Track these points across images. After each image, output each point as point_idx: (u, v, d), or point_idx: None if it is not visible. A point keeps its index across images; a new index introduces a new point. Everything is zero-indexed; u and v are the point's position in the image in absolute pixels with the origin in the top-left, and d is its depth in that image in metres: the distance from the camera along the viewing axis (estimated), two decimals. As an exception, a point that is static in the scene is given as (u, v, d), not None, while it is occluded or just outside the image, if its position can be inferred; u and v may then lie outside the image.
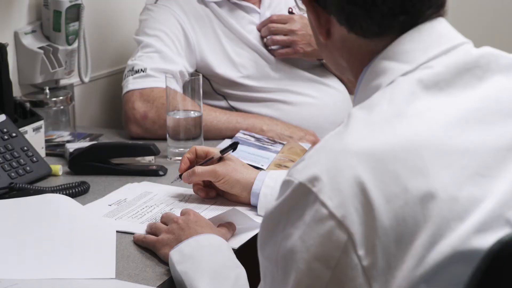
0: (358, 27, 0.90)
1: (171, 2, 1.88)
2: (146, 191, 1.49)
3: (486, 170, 0.82)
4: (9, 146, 1.55)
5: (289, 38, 1.90)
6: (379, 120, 0.84)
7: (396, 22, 0.89)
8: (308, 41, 1.90)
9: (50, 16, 1.81)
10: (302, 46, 1.90)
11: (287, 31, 1.90)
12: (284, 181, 0.84)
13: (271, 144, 1.73)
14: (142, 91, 1.80)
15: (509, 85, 0.89)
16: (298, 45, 1.90)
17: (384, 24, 0.89)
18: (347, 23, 0.90)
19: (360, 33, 0.90)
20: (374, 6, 0.88)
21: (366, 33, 0.90)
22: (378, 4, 0.88)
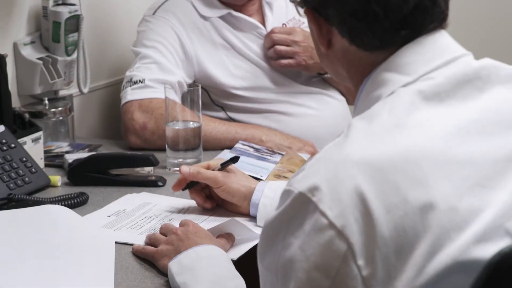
0: (359, 41, 0.91)
1: (169, 14, 1.89)
2: (145, 202, 1.49)
3: (486, 181, 0.83)
4: (8, 157, 1.55)
5: (292, 49, 1.90)
6: (379, 130, 0.84)
7: (397, 37, 0.90)
8: (310, 54, 1.90)
9: (49, 27, 1.81)
10: (305, 58, 1.90)
11: (290, 42, 1.90)
12: (284, 190, 0.84)
13: (270, 155, 1.73)
14: (141, 101, 1.80)
15: (509, 96, 0.89)
16: (301, 57, 1.90)
17: (385, 38, 0.90)
18: (349, 35, 0.91)
19: (361, 46, 0.91)
20: (376, 21, 0.88)
21: (367, 47, 0.91)
22: (380, 18, 0.88)
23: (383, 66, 0.90)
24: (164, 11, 1.89)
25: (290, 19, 1.98)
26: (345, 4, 0.89)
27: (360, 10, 0.88)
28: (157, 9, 1.91)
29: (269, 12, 1.95)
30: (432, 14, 0.90)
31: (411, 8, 0.88)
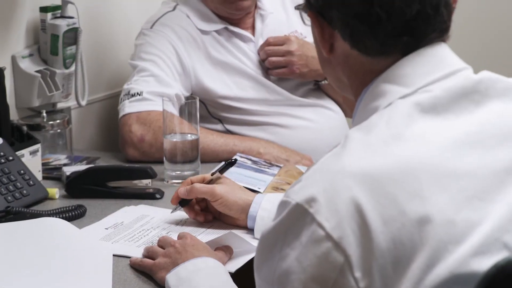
0: (361, 44, 0.91)
1: (167, 28, 1.89)
2: (143, 214, 1.48)
3: (483, 194, 0.83)
4: (6, 170, 1.55)
5: (286, 59, 1.91)
6: (377, 141, 0.84)
7: (399, 42, 0.90)
8: (305, 62, 1.91)
9: (47, 40, 1.82)
10: (299, 67, 1.91)
11: (284, 52, 1.91)
12: (281, 201, 0.84)
13: (268, 167, 1.73)
14: (138, 114, 1.81)
15: (505, 110, 0.90)
16: (295, 66, 1.91)
17: (387, 43, 0.90)
18: (351, 38, 0.91)
19: (362, 50, 0.91)
20: (379, 24, 0.89)
21: (368, 51, 0.91)
22: (383, 22, 0.89)
23: (382, 77, 0.91)
24: (162, 25, 1.90)
25: (292, 31, 1.99)
26: (349, 7, 0.89)
27: (363, 12, 0.89)
28: (154, 22, 1.91)
29: (260, 24, 1.96)
30: (434, 22, 0.90)
31: (414, 14, 0.89)
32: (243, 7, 1.88)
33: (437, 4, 0.89)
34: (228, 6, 1.88)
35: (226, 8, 1.89)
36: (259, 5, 1.97)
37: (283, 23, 1.99)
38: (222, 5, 1.88)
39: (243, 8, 1.89)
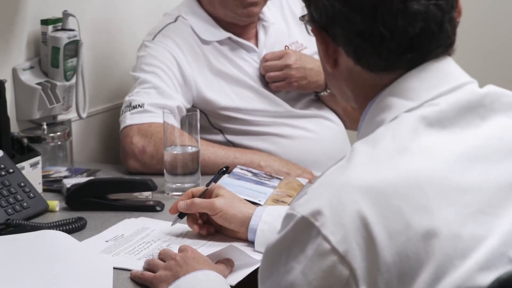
0: (364, 61, 0.91)
1: (168, 40, 1.90)
2: (143, 226, 1.48)
3: (489, 208, 0.83)
4: (6, 182, 1.54)
5: (284, 73, 1.92)
6: (382, 155, 0.84)
7: (403, 59, 0.90)
8: (303, 74, 1.92)
9: (48, 53, 1.82)
10: (297, 80, 1.92)
11: (282, 67, 1.92)
12: (287, 214, 0.84)
13: (269, 179, 1.73)
14: (140, 126, 1.81)
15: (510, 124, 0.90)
16: (293, 79, 1.92)
17: (391, 60, 0.90)
18: (354, 55, 0.91)
19: (366, 66, 0.91)
20: (382, 42, 0.89)
21: (372, 68, 0.91)
22: (386, 40, 0.89)
23: (388, 90, 0.91)
24: (163, 36, 1.91)
25: (293, 42, 2.00)
26: (352, 24, 0.89)
27: (367, 30, 0.89)
28: (156, 34, 1.92)
29: (263, 35, 1.96)
30: (438, 39, 0.90)
31: (418, 32, 0.89)
32: (254, 13, 1.90)
33: (441, 20, 0.90)
34: (240, 12, 1.88)
35: (237, 15, 1.89)
36: (261, 16, 1.98)
37: (284, 33, 2.00)
38: (233, 11, 1.89)
39: (254, 14, 1.90)
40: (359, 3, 0.88)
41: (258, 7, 1.89)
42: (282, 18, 2.02)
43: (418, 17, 0.88)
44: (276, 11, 2.02)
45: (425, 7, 0.88)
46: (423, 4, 0.88)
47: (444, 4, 0.90)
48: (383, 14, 0.88)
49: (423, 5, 0.88)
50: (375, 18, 0.88)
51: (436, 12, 0.89)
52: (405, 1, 0.88)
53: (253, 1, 1.87)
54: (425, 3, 0.88)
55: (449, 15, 0.91)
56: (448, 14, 0.91)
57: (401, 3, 0.88)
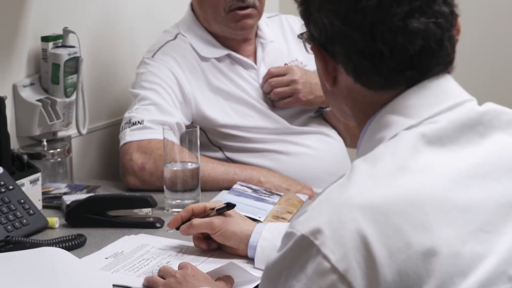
0: (364, 79, 0.91)
1: (168, 57, 1.91)
2: (143, 243, 1.48)
3: (489, 226, 0.83)
4: (6, 199, 1.54)
5: (291, 88, 1.92)
6: (382, 173, 0.84)
7: (403, 77, 0.90)
8: (309, 89, 1.92)
9: (48, 69, 1.83)
10: (304, 95, 1.92)
11: (288, 82, 1.92)
12: (287, 232, 0.84)
13: (268, 196, 1.73)
14: (139, 142, 1.81)
15: (510, 142, 0.90)
16: (300, 94, 1.92)
17: (390, 78, 0.90)
18: (354, 73, 0.91)
19: (366, 84, 0.91)
20: (382, 60, 0.89)
21: (371, 85, 0.91)
22: (386, 58, 0.89)
23: (387, 108, 0.91)
24: (163, 53, 1.91)
25: (292, 60, 2.00)
26: (352, 42, 0.90)
27: (366, 48, 0.89)
28: (156, 51, 1.92)
29: (261, 52, 1.97)
30: (438, 56, 0.90)
31: (418, 50, 0.89)
32: (248, 25, 1.90)
33: (440, 39, 0.90)
34: (234, 25, 1.89)
35: (231, 29, 1.90)
36: (259, 34, 1.98)
37: (283, 52, 2.01)
38: (227, 25, 1.89)
39: (248, 26, 1.90)
40: (358, 22, 0.88)
41: (253, 19, 1.90)
42: (282, 36, 2.03)
43: (418, 35, 0.88)
44: (275, 28, 2.03)
45: (425, 25, 0.89)
46: (423, 22, 0.88)
47: (443, 23, 0.90)
48: (382, 32, 0.88)
49: (423, 23, 0.88)
50: (374, 36, 0.88)
51: (436, 30, 0.89)
52: (404, 19, 0.88)
53: (246, 13, 1.88)
54: (424, 21, 0.88)
55: (449, 33, 0.91)
56: (448, 32, 0.91)
57: (400, 21, 0.88)
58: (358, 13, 0.88)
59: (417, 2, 0.88)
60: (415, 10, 0.88)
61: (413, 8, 0.88)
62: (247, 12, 1.88)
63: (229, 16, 1.88)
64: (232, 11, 1.87)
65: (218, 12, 1.88)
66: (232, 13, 1.87)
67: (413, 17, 0.88)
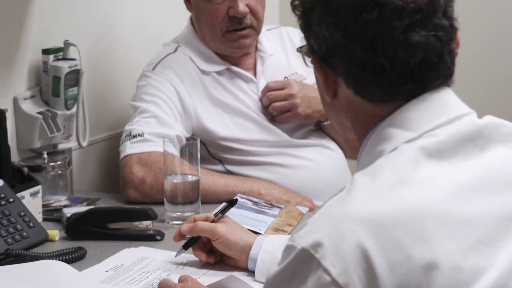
0: (364, 92, 0.91)
1: (168, 70, 1.91)
2: (143, 256, 1.48)
3: (490, 240, 0.83)
4: (6, 212, 1.54)
5: (289, 102, 1.92)
6: (382, 186, 0.84)
7: (403, 90, 0.91)
8: (308, 104, 1.92)
9: (49, 82, 1.83)
10: (303, 109, 1.92)
11: (286, 96, 1.92)
12: (287, 246, 0.84)
13: (269, 208, 1.73)
14: (140, 155, 1.81)
15: (510, 155, 0.90)
16: (299, 108, 1.92)
17: (391, 91, 0.90)
18: (354, 86, 0.92)
19: (366, 97, 0.92)
20: (382, 73, 0.89)
21: (372, 98, 0.91)
22: (386, 71, 0.89)
23: (387, 121, 0.91)
24: (163, 66, 1.92)
25: (292, 73, 2.01)
26: (352, 55, 0.90)
27: (367, 61, 0.89)
28: (156, 64, 1.93)
29: (260, 65, 1.98)
30: (438, 69, 0.91)
31: (418, 63, 0.89)
32: (245, 45, 1.90)
33: (440, 52, 0.90)
34: (230, 45, 1.90)
35: (228, 47, 1.91)
36: (259, 47, 1.99)
37: (283, 65, 2.01)
38: (223, 44, 1.90)
39: (245, 46, 1.91)
40: (359, 35, 0.89)
41: (249, 39, 1.90)
42: (282, 49, 2.04)
43: (418, 48, 0.89)
44: (275, 41, 2.04)
45: (425, 38, 0.89)
46: (423, 35, 0.89)
47: (443, 36, 0.90)
48: (383, 46, 0.88)
49: (423, 36, 0.89)
50: (375, 49, 0.89)
51: (436, 44, 0.90)
52: (405, 32, 0.88)
53: (243, 34, 1.88)
54: (425, 35, 0.89)
55: (448, 47, 0.92)
56: (447, 45, 0.91)
57: (401, 34, 0.88)
58: (358, 26, 0.88)
59: (418, 15, 0.88)
60: (415, 24, 0.88)
61: (413, 22, 0.88)
62: (244, 32, 1.88)
63: (226, 37, 1.88)
64: (229, 32, 1.88)
65: (215, 32, 1.89)
66: (229, 33, 1.88)
67: (414, 31, 0.88)
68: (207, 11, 1.88)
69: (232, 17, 1.87)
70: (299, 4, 0.95)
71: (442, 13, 0.90)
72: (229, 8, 1.86)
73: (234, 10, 1.86)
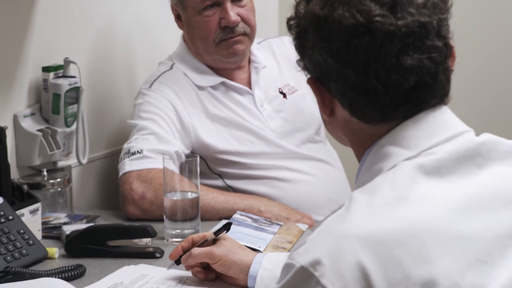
0: (360, 114, 0.92)
1: (165, 87, 1.92)
2: (143, 273, 1.47)
3: (488, 257, 0.83)
4: (6, 229, 1.54)
5: None
6: (381, 204, 0.84)
7: (399, 112, 0.91)
8: None
9: (49, 99, 1.83)
10: None
11: None
12: (286, 264, 0.84)
13: (268, 225, 1.73)
14: (139, 172, 1.81)
15: (508, 172, 0.90)
16: None
17: (386, 112, 0.91)
18: (350, 108, 0.92)
19: (362, 118, 0.92)
20: (376, 96, 0.90)
21: (368, 120, 0.92)
22: (380, 94, 0.89)
23: (385, 139, 0.91)
24: (160, 84, 1.93)
25: (285, 84, 2.02)
26: (346, 79, 0.90)
27: (360, 85, 0.90)
28: (153, 82, 1.94)
29: (255, 76, 1.99)
30: (433, 90, 0.91)
31: (412, 85, 0.90)
32: (239, 50, 1.91)
33: (435, 73, 0.90)
34: (225, 53, 1.90)
35: (223, 57, 1.92)
36: (252, 59, 2.00)
37: (276, 76, 2.03)
38: (218, 54, 1.91)
39: (239, 52, 1.91)
40: (352, 59, 0.89)
41: (244, 45, 1.91)
42: (275, 61, 2.05)
43: (411, 71, 0.89)
44: (266, 53, 2.05)
45: (419, 61, 0.89)
46: (416, 58, 0.89)
47: (437, 57, 0.90)
48: (376, 70, 0.89)
49: (416, 59, 0.89)
50: (368, 73, 0.89)
51: (430, 65, 0.90)
52: (397, 56, 0.88)
53: (236, 40, 1.89)
54: (418, 57, 0.89)
55: (443, 66, 0.92)
56: (442, 65, 0.92)
57: (394, 58, 0.88)
58: (350, 51, 0.89)
59: (410, 38, 0.88)
60: (408, 47, 0.88)
61: (406, 45, 0.88)
62: (237, 38, 1.90)
63: (220, 46, 1.89)
64: (223, 41, 1.89)
65: (209, 43, 1.90)
66: (223, 42, 1.89)
67: (407, 54, 0.88)
68: (199, 25, 1.89)
69: (224, 27, 1.88)
70: (294, 25, 0.95)
71: (436, 33, 0.90)
72: (220, 18, 1.88)
73: (225, 20, 1.88)
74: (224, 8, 1.88)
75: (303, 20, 0.93)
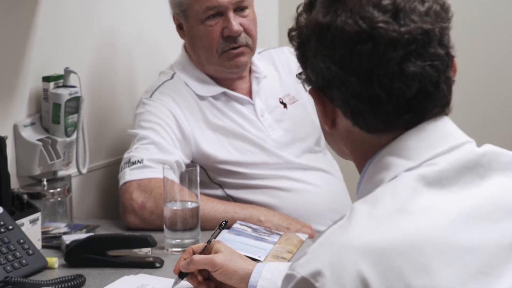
0: (363, 122, 0.92)
1: (166, 96, 1.92)
2: (143, 283, 1.47)
3: (490, 269, 0.83)
4: (5, 239, 1.54)
5: None
6: (382, 215, 0.84)
7: (400, 120, 0.91)
8: None
9: (49, 109, 1.84)
10: None
11: None
12: (287, 275, 0.84)
13: (268, 235, 1.73)
14: (139, 181, 1.81)
15: (509, 183, 0.90)
16: None
17: (388, 121, 0.91)
18: (352, 117, 0.92)
19: (364, 128, 0.92)
20: (379, 104, 0.90)
21: (370, 129, 0.92)
22: (383, 102, 0.90)
23: (387, 149, 0.91)
24: (161, 93, 1.93)
25: (285, 94, 2.02)
26: (349, 87, 0.90)
27: (363, 93, 0.90)
28: (153, 92, 1.94)
29: (256, 86, 1.99)
30: (435, 99, 0.91)
31: (414, 93, 0.90)
32: (241, 63, 1.91)
33: (437, 81, 0.91)
34: (228, 64, 1.91)
35: (225, 68, 1.92)
36: (253, 69, 2.00)
37: (276, 87, 2.03)
38: (221, 65, 1.91)
39: (241, 64, 1.92)
40: (355, 66, 0.89)
41: (246, 57, 1.92)
42: (276, 71, 2.06)
43: (414, 79, 0.89)
44: (266, 63, 2.05)
45: (421, 68, 0.89)
46: (419, 65, 0.89)
47: (439, 65, 0.91)
48: (379, 77, 0.89)
49: (419, 67, 0.89)
50: (371, 80, 0.89)
51: (432, 73, 0.90)
52: (400, 63, 0.89)
53: (239, 52, 1.90)
54: (421, 65, 0.89)
55: (445, 75, 0.92)
56: (444, 74, 0.92)
57: (397, 65, 0.89)
58: (354, 58, 0.89)
59: (413, 45, 0.89)
60: (410, 54, 0.89)
61: (408, 52, 0.89)
62: (239, 50, 1.90)
63: (223, 57, 1.90)
64: (226, 52, 1.89)
65: (212, 53, 1.90)
66: (226, 53, 1.90)
67: (409, 61, 0.89)
68: (202, 34, 1.90)
69: (227, 37, 1.89)
70: (296, 35, 0.96)
71: (438, 42, 0.91)
72: (223, 28, 1.89)
73: (228, 30, 1.88)
74: (227, 18, 1.88)
75: (305, 29, 0.93)
